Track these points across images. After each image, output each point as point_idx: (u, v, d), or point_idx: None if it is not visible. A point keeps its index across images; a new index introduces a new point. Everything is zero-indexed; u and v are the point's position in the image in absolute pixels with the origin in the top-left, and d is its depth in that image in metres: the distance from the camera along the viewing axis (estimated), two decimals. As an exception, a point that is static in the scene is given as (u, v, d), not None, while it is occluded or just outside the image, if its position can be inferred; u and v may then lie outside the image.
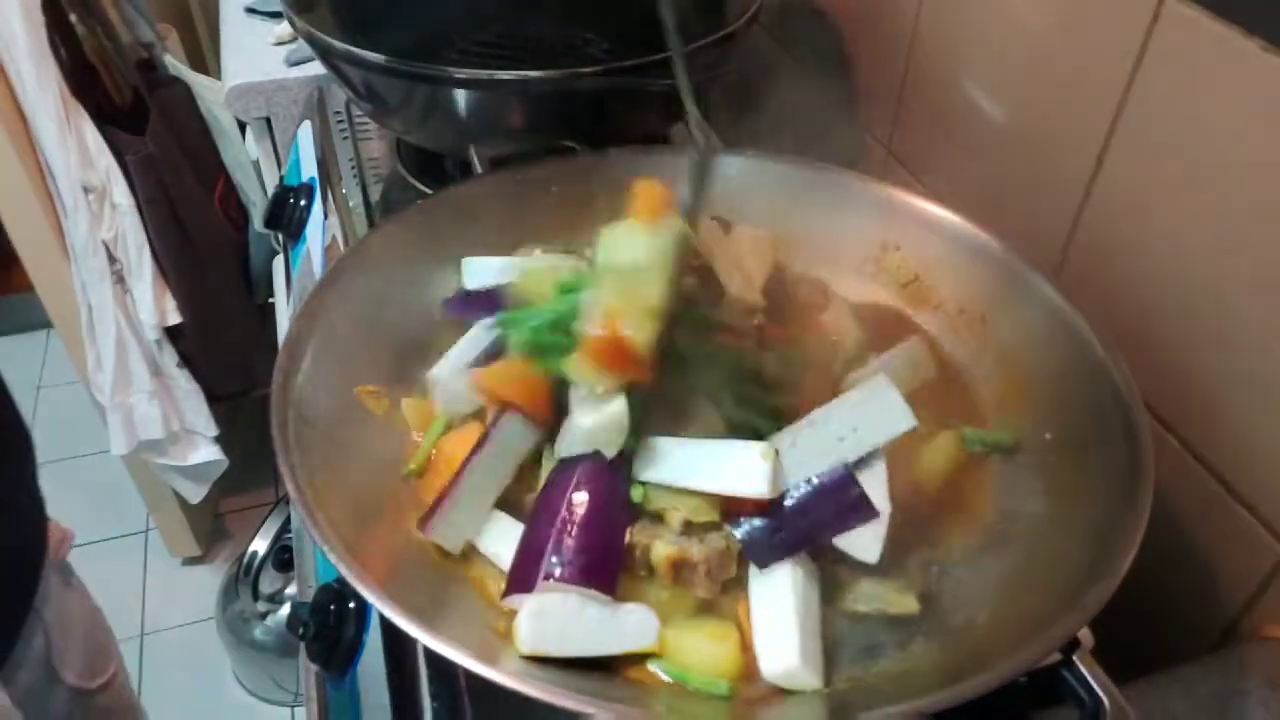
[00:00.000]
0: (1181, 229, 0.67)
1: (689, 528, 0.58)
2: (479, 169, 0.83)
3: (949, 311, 0.76)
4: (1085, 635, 0.52)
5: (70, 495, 2.14)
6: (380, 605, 0.49)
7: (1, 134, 1.38)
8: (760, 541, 0.57)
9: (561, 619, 0.53)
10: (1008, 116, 0.83)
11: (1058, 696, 0.52)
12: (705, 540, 0.57)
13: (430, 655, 0.61)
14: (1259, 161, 0.60)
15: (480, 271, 0.76)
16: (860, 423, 0.59)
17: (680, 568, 0.57)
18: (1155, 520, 0.52)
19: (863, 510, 0.57)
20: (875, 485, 0.59)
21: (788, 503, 0.57)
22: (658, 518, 0.59)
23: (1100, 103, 0.71)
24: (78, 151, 1.41)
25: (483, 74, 0.83)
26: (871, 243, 0.80)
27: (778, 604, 0.55)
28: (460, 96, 0.87)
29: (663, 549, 0.57)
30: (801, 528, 0.57)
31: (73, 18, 1.49)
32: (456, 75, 0.84)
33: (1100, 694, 0.50)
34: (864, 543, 0.57)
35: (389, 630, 0.64)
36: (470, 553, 0.60)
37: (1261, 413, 0.63)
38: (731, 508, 0.59)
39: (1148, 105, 0.68)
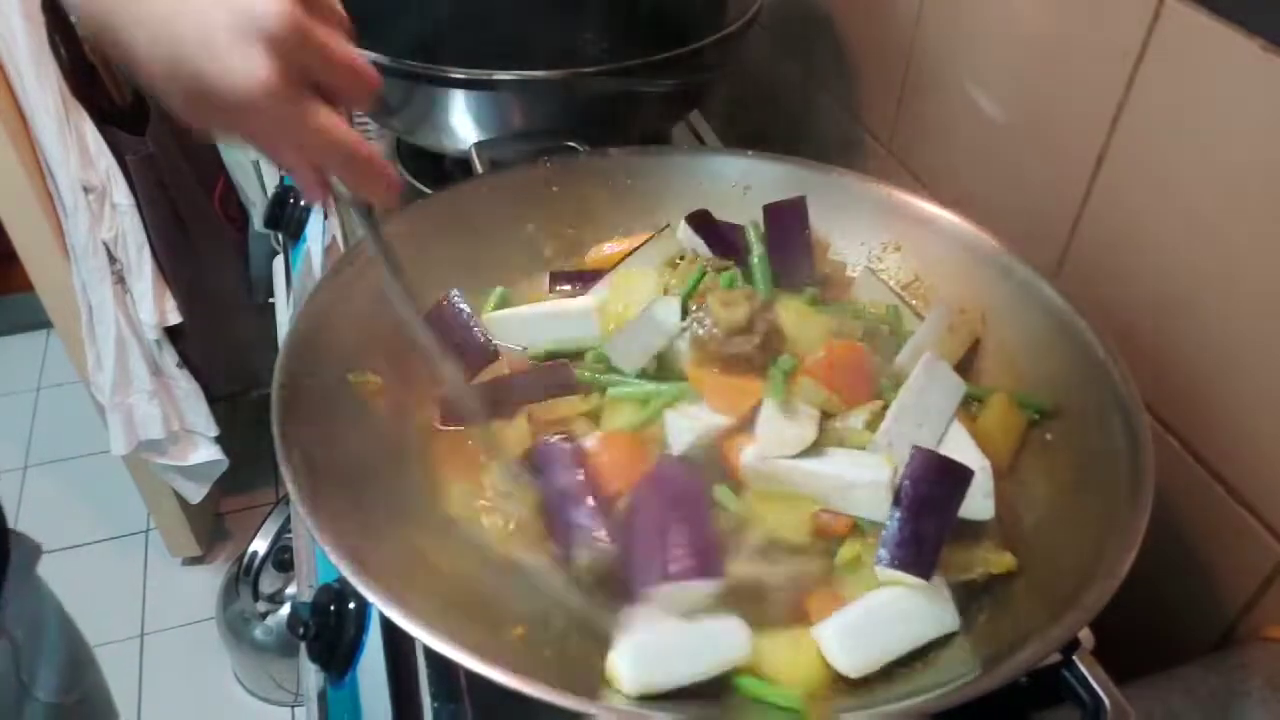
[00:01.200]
0: (1181, 229, 0.67)
1: (769, 549, 0.56)
2: (479, 169, 0.83)
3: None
4: (1086, 635, 0.52)
5: (70, 495, 2.14)
6: (380, 605, 0.49)
7: (1, 134, 1.38)
8: (906, 556, 0.54)
9: (659, 650, 0.52)
10: (1008, 117, 0.83)
11: (1058, 696, 0.52)
12: (780, 564, 0.56)
13: (430, 655, 0.61)
14: (1259, 161, 0.60)
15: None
16: (929, 404, 0.62)
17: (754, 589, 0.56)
18: (1156, 521, 0.52)
19: (960, 473, 0.56)
20: (962, 448, 0.60)
21: (902, 508, 0.55)
22: (740, 527, 0.58)
23: (1100, 103, 0.71)
24: (78, 151, 1.41)
25: (483, 74, 0.83)
26: (871, 243, 0.80)
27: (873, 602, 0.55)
28: (460, 96, 0.87)
29: (740, 568, 0.55)
30: (927, 519, 0.55)
31: (73, 18, 1.49)
32: (456, 75, 0.84)
33: (1101, 694, 0.50)
34: (975, 504, 0.57)
35: (389, 630, 0.64)
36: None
37: (1262, 413, 0.63)
38: (822, 529, 0.58)
39: (1148, 105, 0.68)
